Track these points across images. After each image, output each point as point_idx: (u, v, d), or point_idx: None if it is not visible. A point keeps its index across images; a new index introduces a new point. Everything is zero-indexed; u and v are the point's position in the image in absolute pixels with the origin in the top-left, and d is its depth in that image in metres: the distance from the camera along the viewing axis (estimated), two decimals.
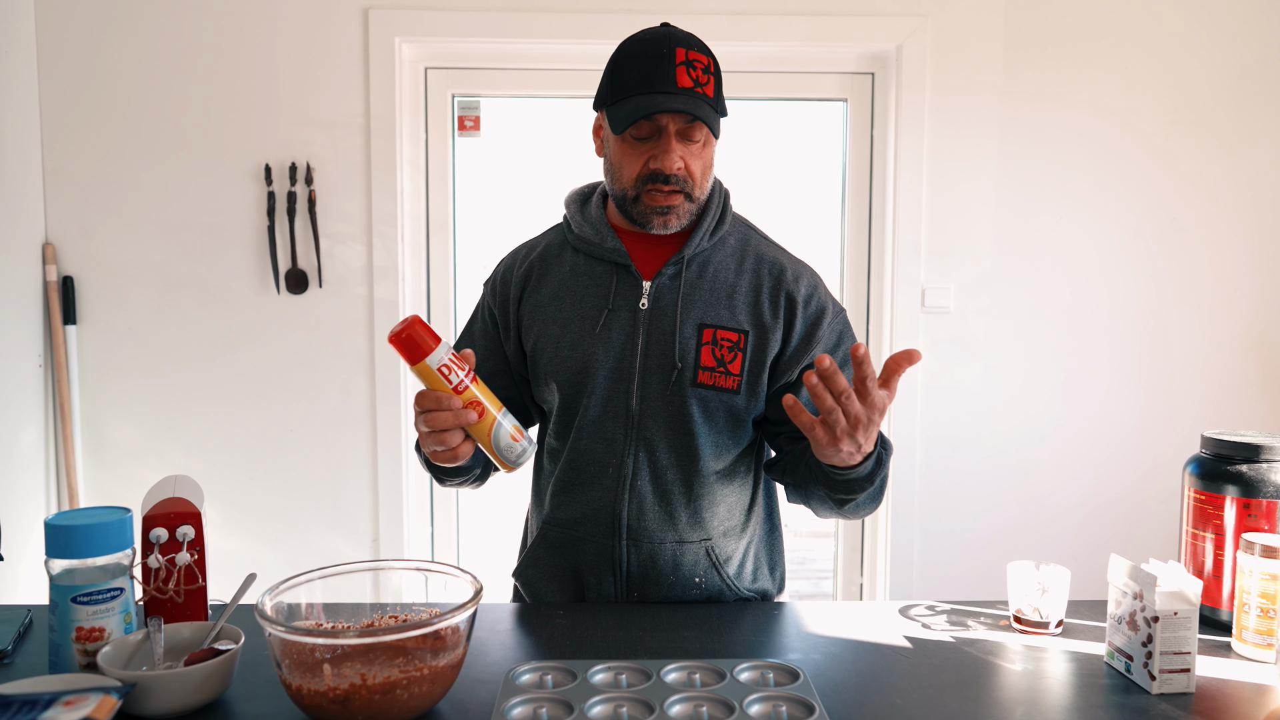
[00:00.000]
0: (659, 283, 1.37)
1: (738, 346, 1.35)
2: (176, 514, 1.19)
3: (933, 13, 2.59)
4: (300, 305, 2.61)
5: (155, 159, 2.56)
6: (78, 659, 1.08)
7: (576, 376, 1.36)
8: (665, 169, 1.29)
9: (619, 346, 1.35)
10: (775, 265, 1.40)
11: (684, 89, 1.26)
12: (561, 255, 1.43)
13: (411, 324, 1.12)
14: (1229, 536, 1.27)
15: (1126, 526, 2.71)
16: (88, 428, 2.62)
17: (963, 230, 2.65)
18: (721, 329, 1.35)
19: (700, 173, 1.33)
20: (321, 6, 2.54)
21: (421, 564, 1.13)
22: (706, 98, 1.28)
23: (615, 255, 1.38)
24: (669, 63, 1.26)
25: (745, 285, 1.38)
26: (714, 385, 1.34)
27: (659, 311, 1.36)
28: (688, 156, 1.31)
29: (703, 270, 1.38)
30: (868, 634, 1.26)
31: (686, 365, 1.34)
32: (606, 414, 1.36)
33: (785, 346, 1.37)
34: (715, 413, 1.35)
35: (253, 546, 2.66)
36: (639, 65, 1.28)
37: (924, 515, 2.72)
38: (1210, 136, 2.65)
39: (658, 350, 1.35)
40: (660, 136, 1.29)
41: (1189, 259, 2.69)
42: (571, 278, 1.40)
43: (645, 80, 1.27)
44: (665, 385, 1.34)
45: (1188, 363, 2.71)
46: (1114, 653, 1.15)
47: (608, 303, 1.36)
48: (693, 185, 1.32)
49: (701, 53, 1.30)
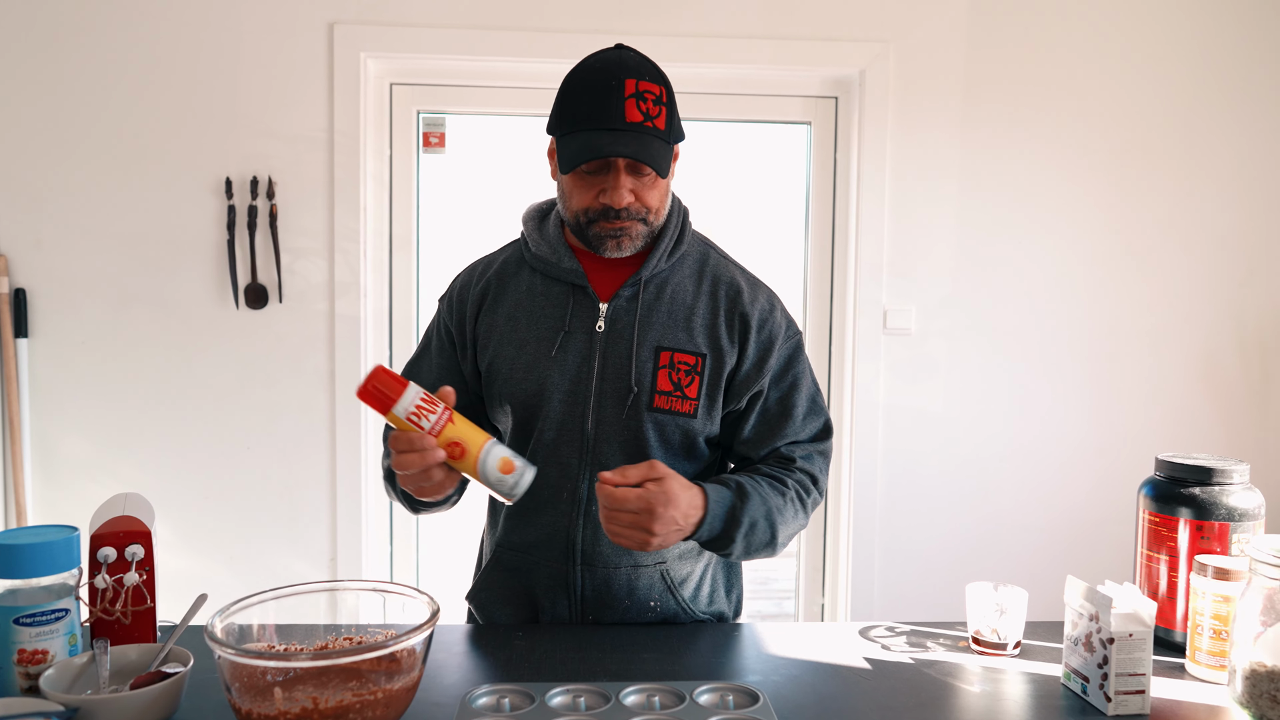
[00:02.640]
0: (616, 304, 1.35)
1: (695, 370, 1.34)
2: (125, 533, 1.16)
3: (895, 39, 2.63)
4: (259, 320, 2.57)
5: (113, 170, 2.52)
6: (19, 682, 1.04)
7: (531, 399, 1.33)
8: (614, 204, 1.27)
9: (574, 369, 1.33)
10: (733, 286, 1.39)
11: (633, 124, 1.23)
12: (519, 274, 1.41)
13: (374, 376, 1.12)
14: (1182, 558, 1.29)
15: (1084, 547, 2.75)
16: (37, 443, 2.56)
17: (924, 253, 2.69)
18: (679, 352, 1.33)
19: (656, 202, 1.31)
20: (287, 20, 2.52)
21: (378, 585, 1.11)
22: (657, 130, 1.25)
23: (572, 276, 1.35)
24: (618, 96, 1.23)
25: (703, 307, 1.37)
26: (670, 409, 1.32)
27: (615, 334, 1.34)
28: (639, 189, 1.28)
29: (660, 291, 1.36)
30: (827, 655, 1.26)
31: (643, 389, 1.32)
32: (561, 438, 1.34)
33: (738, 369, 1.36)
34: (671, 436, 1.34)
35: (207, 566, 2.60)
36: (587, 98, 1.25)
37: (885, 535, 2.73)
38: (1162, 166, 2.72)
39: (614, 373, 1.33)
40: (608, 172, 1.26)
41: (1142, 284, 2.75)
42: (528, 297, 1.38)
43: (593, 116, 1.24)
44: (621, 409, 1.32)
45: (1142, 385, 2.76)
46: (1070, 674, 1.16)
47: (564, 324, 1.34)
48: (647, 213, 1.30)
49: (654, 81, 1.26)
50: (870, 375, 2.69)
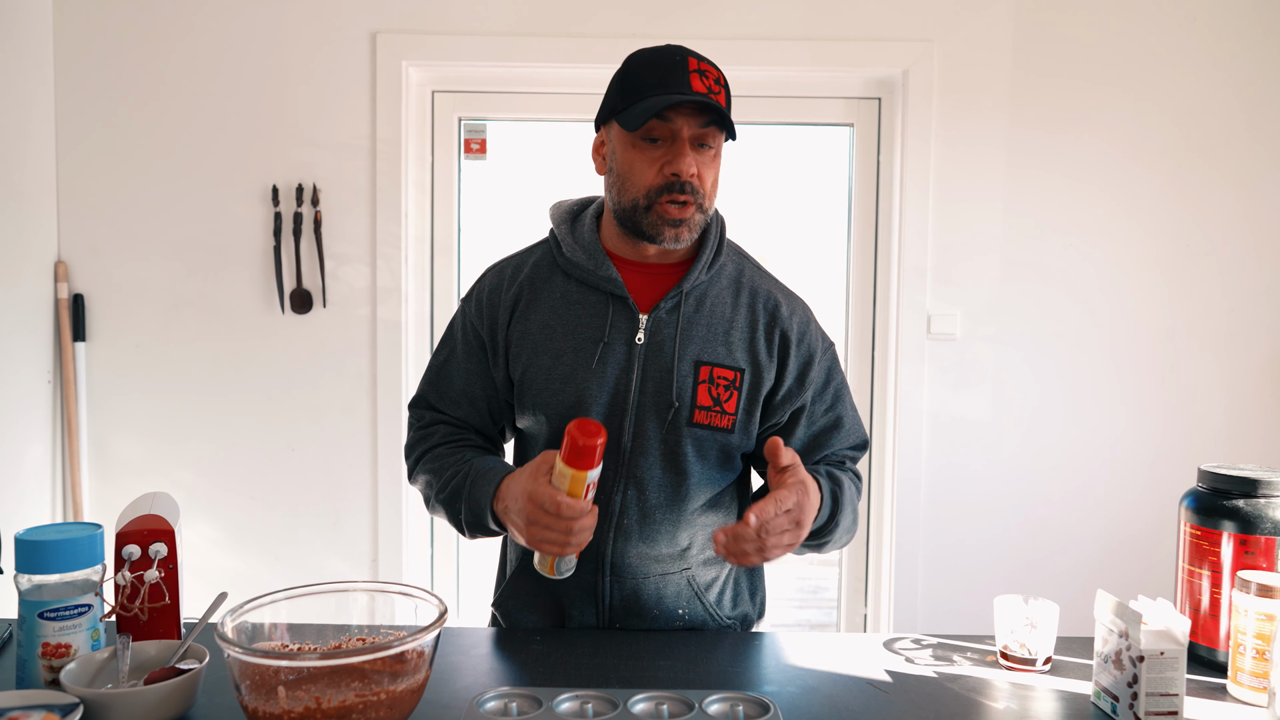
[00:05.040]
0: (656, 316, 1.32)
1: (733, 385, 1.31)
2: (150, 531, 1.18)
3: (939, 38, 2.58)
4: (304, 325, 2.62)
5: (166, 179, 2.59)
6: (43, 675, 1.07)
7: (568, 411, 1.30)
8: (682, 172, 1.24)
9: (613, 382, 1.30)
10: (770, 300, 1.37)
11: (698, 93, 1.22)
12: (552, 278, 1.36)
13: (600, 436, 1.12)
14: (1225, 574, 1.23)
15: (1139, 559, 2.65)
16: (94, 443, 2.64)
17: (969, 256, 2.62)
18: (719, 366, 1.31)
19: (711, 184, 1.29)
20: (330, 31, 2.57)
21: (388, 586, 1.12)
22: (719, 106, 1.24)
23: (610, 285, 1.32)
24: (682, 69, 1.23)
25: (741, 321, 1.34)
26: (709, 425, 1.30)
27: (655, 346, 1.31)
28: (701, 165, 1.26)
29: (700, 304, 1.33)
30: (848, 667, 1.23)
31: (684, 404, 1.30)
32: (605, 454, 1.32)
33: (779, 386, 1.35)
34: (708, 451, 1.32)
35: (251, 565, 2.65)
36: (652, 70, 1.25)
37: (929, 545, 2.67)
38: (1224, 165, 2.62)
39: (654, 387, 1.30)
40: (674, 141, 1.25)
41: (1202, 288, 2.64)
42: (563, 305, 1.34)
43: (660, 83, 1.23)
44: (661, 423, 1.30)
45: (1201, 393, 2.66)
46: (1100, 693, 1.11)
47: (603, 335, 1.31)
48: (704, 196, 1.28)
49: (712, 66, 1.27)
50: (914, 382, 2.64)
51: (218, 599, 1.19)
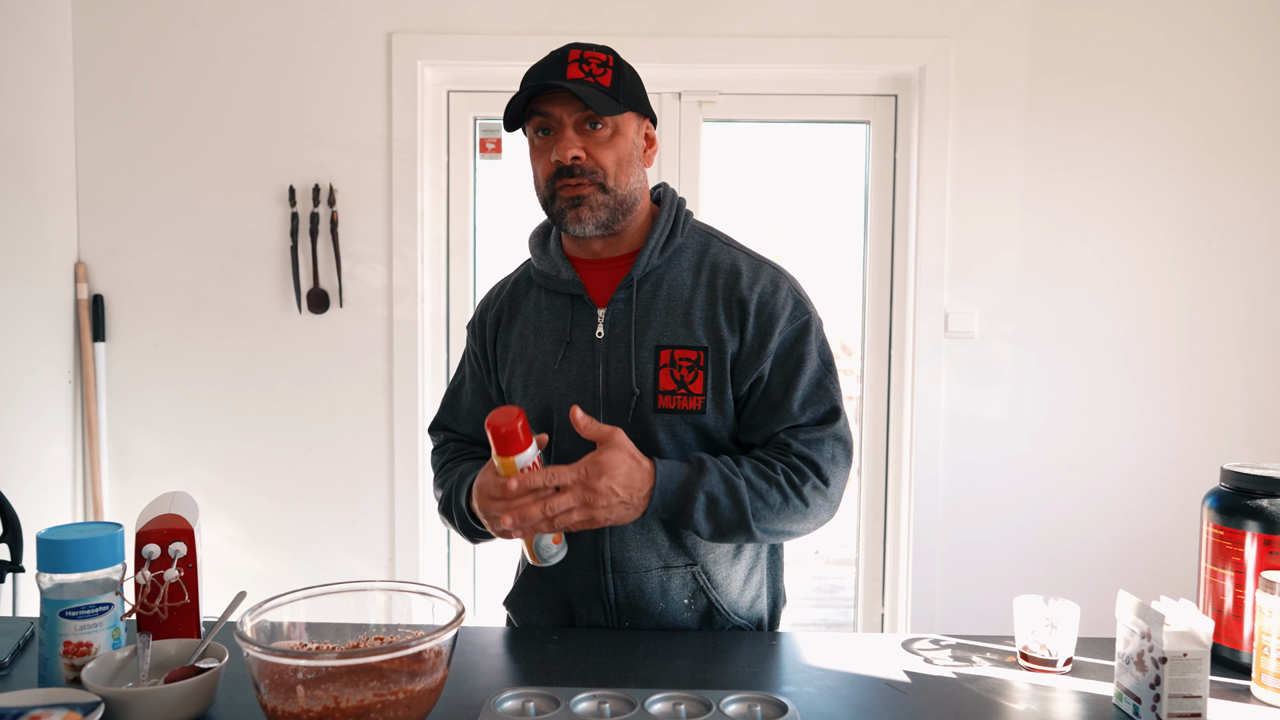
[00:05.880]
0: (613, 309, 1.34)
1: (697, 365, 1.30)
2: (169, 530, 1.19)
3: (956, 34, 2.56)
4: (321, 325, 2.63)
5: (183, 180, 2.61)
6: (65, 673, 1.08)
7: (544, 413, 1.34)
8: (562, 156, 1.26)
9: (579, 378, 1.33)
10: (732, 271, 1.34)
11: (573, 79, 1.25)
12: (529, 293, 1.43)
13: (516, 416, 1.15)
14: (1249, 574, 1.22)
15: (1159, 559, 2.63)
16: (113, 443, 2.66)
17: (987, 254, 2.61)
18: (679, 348, 1.30)
19: (613, 165, 1.29)
20: (347, 32, 2.58)
21: (404, 585, 1.12)
22: (600, 86, 1.26)
23: (571, 287, 1.36)
24: (561, 62, 1.27)
25: (701, 298, 1.33)
26: (676, 409, 1.30)
27: (615, 338, 1.32)
28: (592, 147, 1.28)
29: (656, 289, 1.33)
30: (866, 667, 1.22)
31: (645, 391, 1.30)
32: (578, 448, 1.29)
33: (739, 354, 1.31)
34: (683, 436, 1.31)
35: (269, 564, 2.67)
36: (534, 72, 1.29)
37: (946, 544, 2.66)
38: (1245, 161, 2.59)
39: (617, 379, 1.31)
40: (559, 130, 1.28)
41: (1223, 285, 2.61)
42: (535, 314, 1.40)
43: (536, 77, 1.27)
44: (627, 414, 1.30)
45: (1221, 391, 2.63)
46: (1122, 694, 1.10)
47: (566, 335, 1.35)
48: (604, 175, 1.28)
49: (600, 52, 1.29)
50: (931, 380, 2.62)
51: (236, 598, 1.20)
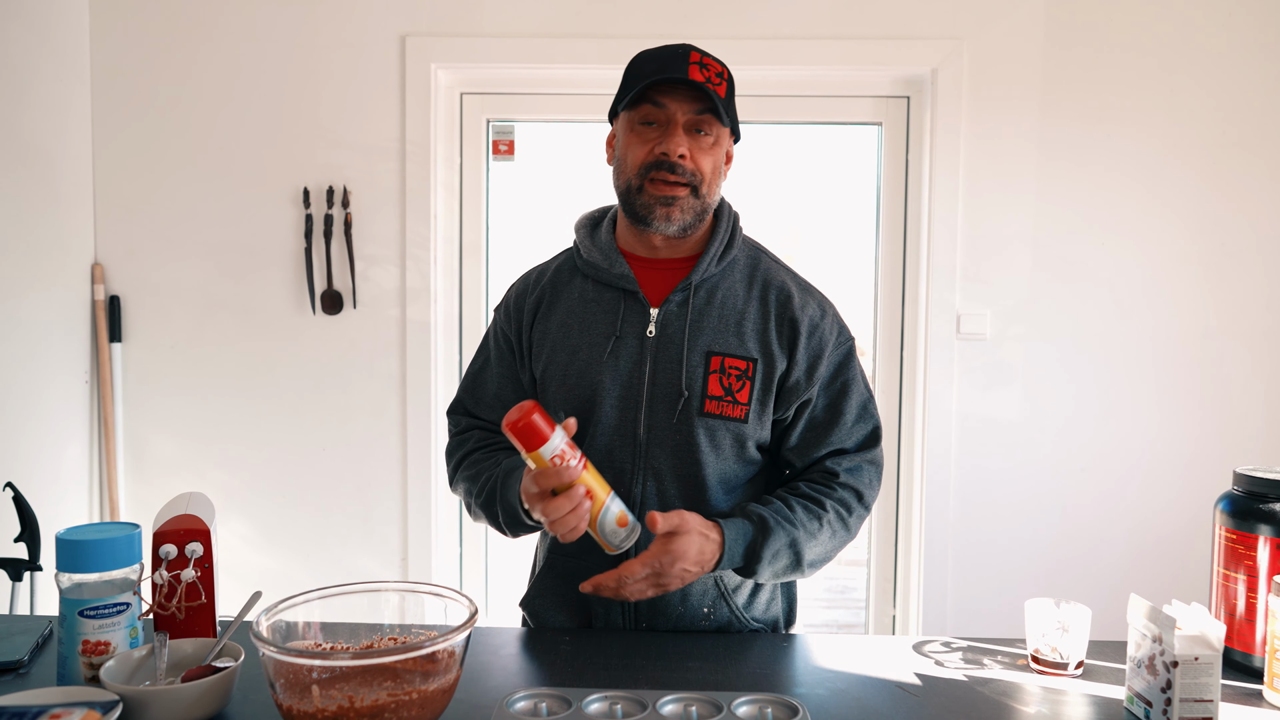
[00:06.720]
0: (666, 310, 1.35)
1: (745, 375, 1.33)
2: (186, 530, 1.21)
3: (969, 35, 2.56)
4: (335, 326, 2.65)
5: (199, 182, 2.63)
6: (83, 672, 1.09)
7: (584, 404, 1.34)
8: (670, 151, 1.28)
9: (626, 374, 1.34)
10: (783, 291, 1.38)
11: (695, 81, 1.26)
12: (571, 281, 1.42)
13: (531, 410, 1.15)
14: (1262, 578, 1.21)
15: (1173, 564, 2.61)
16: (130, 443, 2.69)
17: (999, 255, 2.60)
18: (730, 357, 1.33)
19: (709, 171, 1.32)
20: (360, 34, 2.60)
21: (418, 586, 1.13)
22: (718, 95, 1.28)
23: (623, 281, 1.37)
24: (683, 60, 1.28)
25: (754, 311, 1.36)
26: (721, 414, 1.32)
27: (666, 339, 1.34)
28: (696, 150, 1.30)
29: (711, 296, 1.36)
30: (878, 670, 1.23)
31: (693, 394, 1.32)
32: (614, 442, 1.34)
33: (788, 375, 1.35)
34: (721, 441, 1.33)
35: (283, 564, 2.69)
36: (653, 61, 1.30)
37: (958, 546, 2.65)
38: (1261, 161, 2.57)
39: (665, 378, 1.33)
40: (669, 125, 1.29)
41: (1238, 286, 2.60)
42: (580, 304, 1.39)
43: (658, 71, 1.28)
44: (671, 414, 1.32)
45: (1237, 394, 2.61)
46: (1133, 698, 1.10)
47: (616, 329, 1.35)
48: (700, 180, 1.31)
49: (716, 61, 1.31)
50: (943, 382, 2.62)
51: (252, 598, 1.21)
